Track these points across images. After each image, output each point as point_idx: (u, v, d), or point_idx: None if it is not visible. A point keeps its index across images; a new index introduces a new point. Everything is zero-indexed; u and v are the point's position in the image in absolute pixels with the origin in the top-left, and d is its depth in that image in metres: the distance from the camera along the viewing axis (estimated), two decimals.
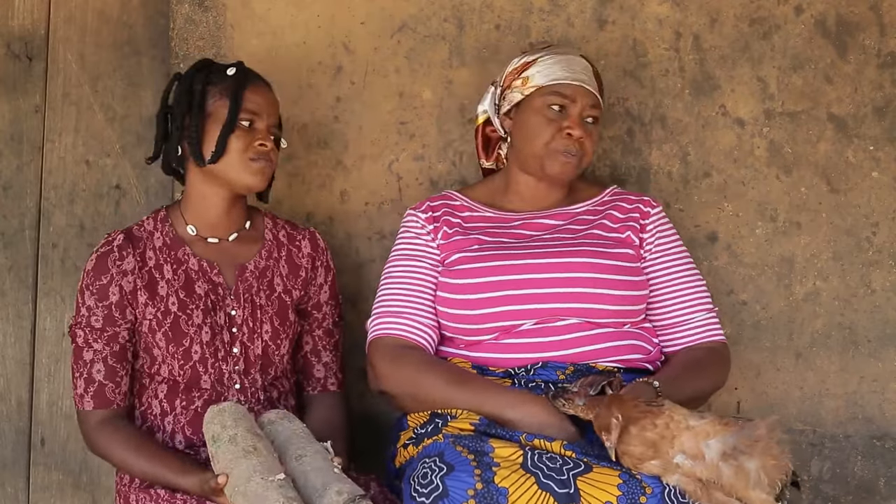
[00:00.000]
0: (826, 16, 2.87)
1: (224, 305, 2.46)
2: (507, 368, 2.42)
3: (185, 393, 2.43)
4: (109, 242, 2.46)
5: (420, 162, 2.88)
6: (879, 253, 2.87)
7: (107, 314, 2.41)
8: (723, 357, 2.56)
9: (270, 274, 2.53)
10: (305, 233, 2.62)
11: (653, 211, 2.60)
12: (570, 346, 2.41)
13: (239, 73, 2.49)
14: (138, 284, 2.43)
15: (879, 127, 2.87)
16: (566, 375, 2.38)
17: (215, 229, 2.51)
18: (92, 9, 2.97)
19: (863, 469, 2.86)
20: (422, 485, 2.08)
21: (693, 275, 2.58)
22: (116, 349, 2.41)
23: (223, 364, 2.44)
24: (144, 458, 2.33)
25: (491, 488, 2.06)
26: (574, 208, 2.61)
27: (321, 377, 2.59)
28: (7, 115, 2.96)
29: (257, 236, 2.56)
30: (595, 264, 2.45)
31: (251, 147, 2.44)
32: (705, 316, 2.55)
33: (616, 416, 2.10)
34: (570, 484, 2.08)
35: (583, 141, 2.51)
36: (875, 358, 2.87)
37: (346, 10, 2.86)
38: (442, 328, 2.50)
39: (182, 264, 2.47)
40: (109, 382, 2.40)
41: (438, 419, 2.32)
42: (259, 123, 2.46)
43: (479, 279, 2.44)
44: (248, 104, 2.44)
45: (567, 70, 2.54)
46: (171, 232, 2.50)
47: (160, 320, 2.42)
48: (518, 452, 2.14)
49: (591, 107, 2.53)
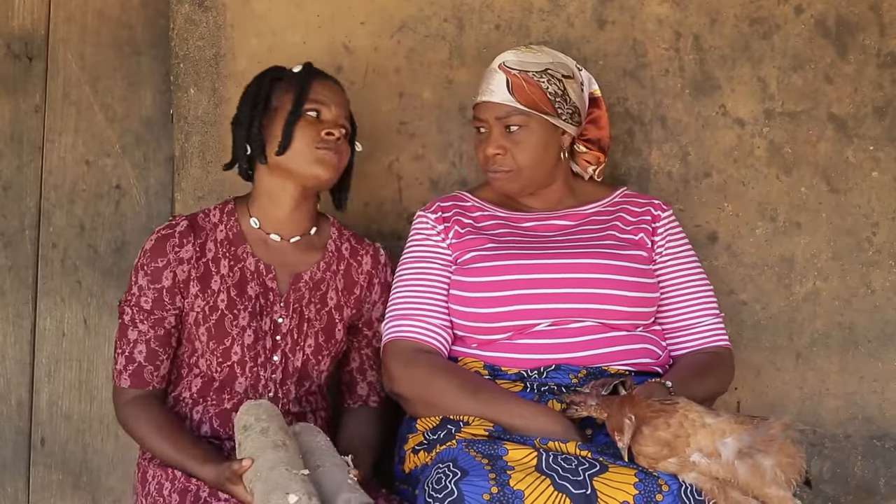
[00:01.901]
0: (826, 16, 2.87)
1: (272, 311, 2.44)
2: (520, 370, 2.41)
3: (218, 392, 2.42)
4: (172, 227, 2.44)
5: (420, 162, 2.88)
6: (879, 253, 2.87)
7: (157, 297, 2.40)
8: (727, 362, 2.56)
9: (325, 287, 2.50)
10: (370, 248, 2.59)
11: (664, 214, 2.60)
12: (583, 348, 2.41)
13: (306, 67, 2.48)
14: (192, 275, 2.41)
15: (879, 127, 2.87)
16: (579, 379, 2.38)
17: (279, 227, 2.48)
18: (92, 9, 2.97)
19: (863, 469, 2.86)
20: (436, 490, 2.07)
21: (701, 279, 2.58)
22: (161, 333, 2.40)
23: (261, 370, 2.42)
24: (167, 441, 2.32)
25: (506, 492, 2.04)
26: (585, 209, 2.61)
27: (364, 394, 2.58)
28: (7, 115, 2.96)
29: (320, 245, 2.53)
30: (611, 266, 2.44)
31: (318, 137, 2.40)
32: (712, 321, 2.55)
33: (629, 417, 2.10)
34: (586, 484, 2.07)
35: (498, 156, 2.51)
36: (875, 358, 2.87)
37: (346, 10, 2.86)
38: (455, 327, 2.49)
39: (239, 262, 2.45)
40: (149, 365, 2.40)
41: (451, 425, 2.31)
42: (326, 115, 2.43)
43: (494, 277, 2.44)
44: (313, 94, 2.42)
45: (481, 88, 2.57)
46: (236, 226, 2.47)
47: (206, 315, 2.40)
48: (532, 455, 2.13)
49: (506, 115, 2.50)
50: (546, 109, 2.51)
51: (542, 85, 2.51)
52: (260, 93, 2.45)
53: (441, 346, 2.46)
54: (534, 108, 2.50)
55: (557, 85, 2.53)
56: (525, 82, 2.51)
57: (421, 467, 2.31)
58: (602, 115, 2.68)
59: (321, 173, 2.41)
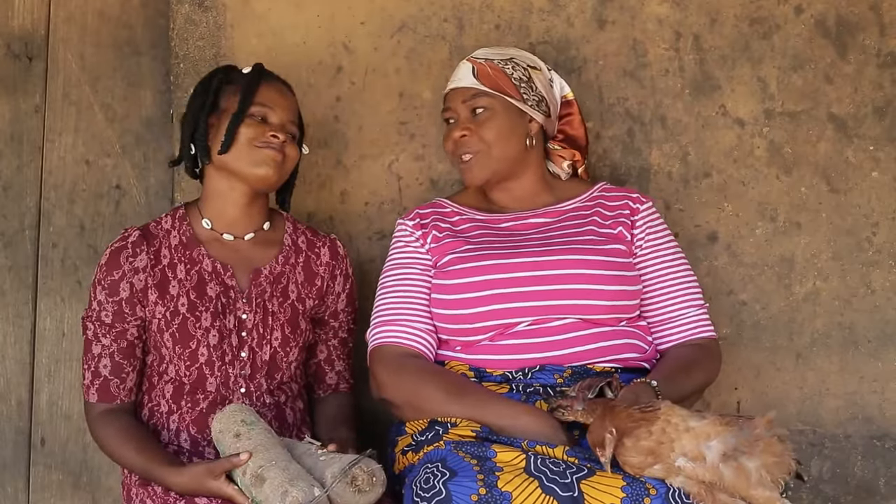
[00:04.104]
0: (826, 16, 2.87)
1: (235, 309, 2.45)
2: (505, 372, 2.41)
3: (191, 395, 2.43)
4: (124, 238, 2.45)
5: (420, 162, 2.88)
6: (879, 253, 2.87)
7: (116, 310, 2.41)
8: (713, 353, 2.54)
9: (286, 280, 2.51)
10: (326, 240, 2.60)
11: (642, 207, 2.59)
12: (566, 346, 2.41)
13: (255, 70, 2.48)
14: (149, 283, 2.42)
15: (879, 127, 2.87)
16: (564, 378, 2.38)
17: (232, 226, 2.49)
18: (92, 9, 2.97)
19: (863, 469, 2.86)
20: (424, 489, 2.08)
21: (684, 270, 2.57)
22: (124, 345, 2.41)
23: (230, 367, 2.43)
24: (135, 450, 2.32)
25: (494, 493, 2.05)
26: (563, 206, 2.61)
27: (333, 383, 2.60)
28: (7, 115, 2.96)
29: (276, 240, 2.54)
30: (588, 261, 2.44)
31: (262, 138, 2.41)
32: (696, 312, 2.54)
33: (609, 431, 2.09)
34: (573, 487, 2.07)
35: (465, 137, 2.54)
36: (875, 358, 2.87)
37: (346, 10, 2.86)
38: (438, 331, 2.49)
39: (196, 264, 2.46)
40: (115, 378, 2.40)
41: (438, 426, 2.32)
42: (272, 118, 2.44)
43: (472, 278, 2.44)
44: (260, 97, 2.43)
45: (449, 82, 2.63)
46: (189, 230, 2.48)
47: (168, 320, 2.41)
48: (521, 457, 2.14)
49: (472, 97, 2.54)
50: (511, 93, 2.55)
51: (506, 71, 2.57)
52: (208, 92, 2.47)
53: (426, 350, 2.47)
54: (498, 90, 2.54)
55: (522, 72, 2.58)
56: (490, 68, 2.56)
57: (409, 467, 2.32)
58: (576, 116, 2.71)
59: (264, 173, 2.42)
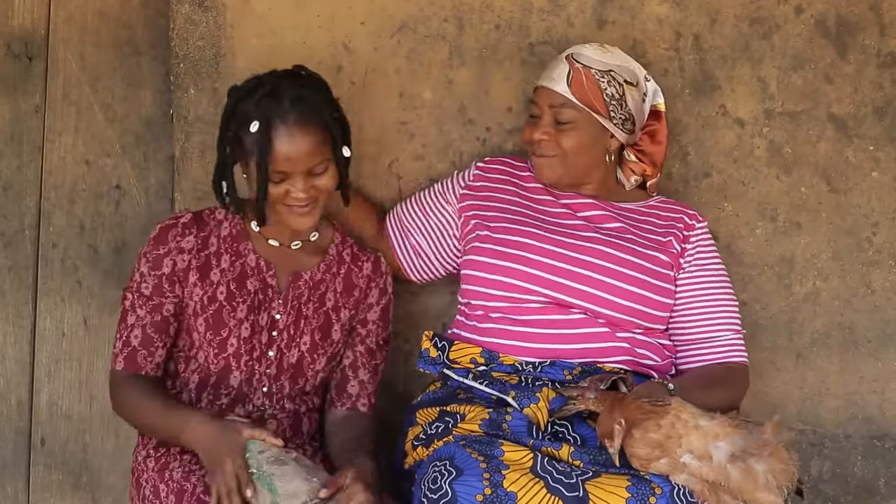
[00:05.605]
0: (826, 16, 2.87)
1: (270, 308, 2.47)
2: (515, 362, 2.42)
3: (214, 388, 2.45)
4: (176, 218, 2.48)
5: (420, 162, 2.88)
6: (879, 253, 2.87)
7: (156, 283, 2.42)
8: (740, 377, 2.55)
9: (324, 288, 2.52)
10: (371, 255, 2.60)
11: (698, 224, 2.61)
12: (576, 340, 2.42)
13: (260, 129, 2.34)
14: (193, 264, 2.44)
15: (879, 127, 2.87)
16: (573, 375, 2.38)
17: (278, 235, 2.50)
18: (92, 9, 2.96)
19: (863, 469, 2.86)
20: (431, 490, 2.10)
21: (726, 294, 2.58)
22: (158, 319, 2.42)
23: (256, 364, 2.45)
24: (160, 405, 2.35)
25: (500, 493, 2.07)
26: (621, 204, 2.63)
27: (354, 394, 2.55)
28: (7, 115, 2.95)
29: (322, 248, 2.55)
30: (617, 257, 2.48)
31: (286, 198, 2.38)
32: (732, 336, 2.55)
33: (619, 422, 2.10)
34: (578, 488, 2.09)
35: (543, 141, 2.54)
36: (875, 358, 2.87)
37: (346, 10, 2.86)
38: (463, 296, 2.55)
39: (241, 258, 2.47)
40: (143, 349, 2.42)
41: (449, 418, 2.33)
42: (293, 175, 2.36)
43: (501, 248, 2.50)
44: (273, 161, 2.34)
45: (543, 73, 2.61)
46: (239, 225, 2.50)
47: (205, 305, 2.43)
48: (528, 456, 2.15)
49: (560, 106, 2.54)
50: (599, 109, 2.54)
51: (601, 84, 2.54)
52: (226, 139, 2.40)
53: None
54: (587, 104, 2.54)
55: (617, 89, 2.56)
56: (585, 77, 2.54)
57: (418, 463, 2.33)
58: (661, 130, 2.69)
59: (298, 226, 2.43)
